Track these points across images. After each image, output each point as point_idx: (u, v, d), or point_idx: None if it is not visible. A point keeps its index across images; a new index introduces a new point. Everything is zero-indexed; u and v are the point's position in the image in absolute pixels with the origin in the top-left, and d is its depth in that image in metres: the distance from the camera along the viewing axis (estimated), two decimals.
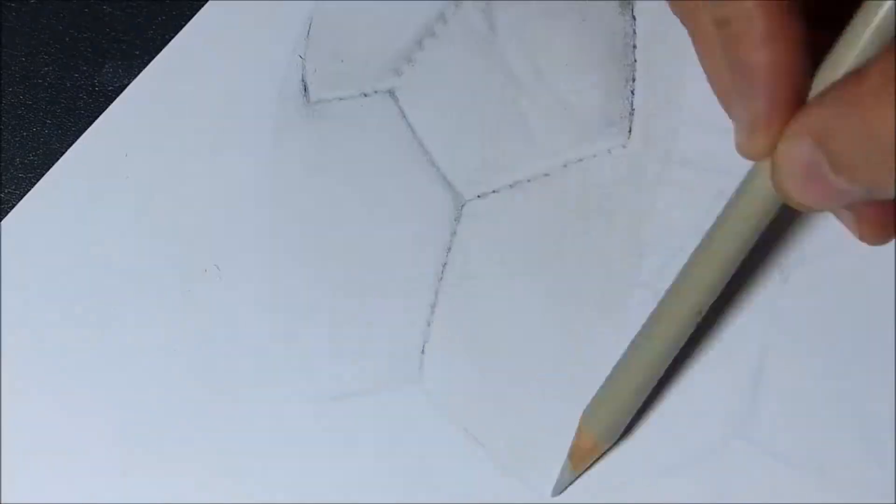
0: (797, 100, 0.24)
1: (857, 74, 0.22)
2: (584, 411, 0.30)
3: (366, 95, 0.33)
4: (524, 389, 0.31)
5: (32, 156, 0.33)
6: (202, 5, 0.34)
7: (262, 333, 0.32)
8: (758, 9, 0.24)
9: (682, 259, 0.29)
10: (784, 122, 0.24)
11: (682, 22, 0.28)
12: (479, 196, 0.32)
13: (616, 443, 0.30)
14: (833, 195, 0.24)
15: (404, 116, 0.33)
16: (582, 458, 0.30)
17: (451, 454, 0.31)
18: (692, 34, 0.28)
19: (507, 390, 0.31)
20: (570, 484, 0.30)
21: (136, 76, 0.33)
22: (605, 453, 0.30)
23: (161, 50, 0.34)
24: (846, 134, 0.22)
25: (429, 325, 0.31)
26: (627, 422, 0.30)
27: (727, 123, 0.28)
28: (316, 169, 0.33)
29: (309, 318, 0.32)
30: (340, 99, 0.33)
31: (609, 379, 0.29)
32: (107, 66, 0.34)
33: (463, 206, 0.32)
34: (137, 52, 0.34)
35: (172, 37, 0.34)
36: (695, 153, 0.32)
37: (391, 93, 0.33)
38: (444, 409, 0.31)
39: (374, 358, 0.32)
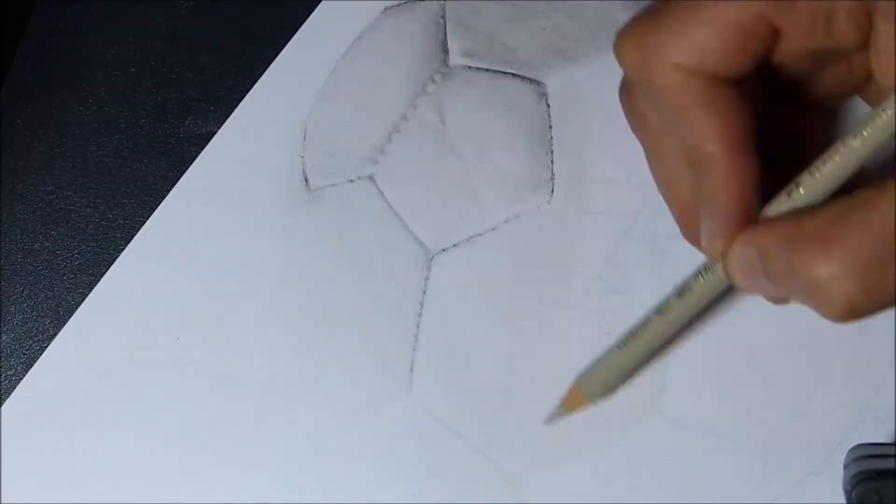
0: (748, 220, 0.26)
1: (798, 219, 0.24)
2: (580, 372, 0.30)
3: (352, 181, 0.35)
4: (501, 395, 0.33)
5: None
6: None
7: (274, 361, 0.34)
8: (724, 156, 0.25)
9: (601, 284, 0.32)
10: (735, 234, 0.26)
11: (640, 141, 0.29)
12: (444, 249, 0.34)
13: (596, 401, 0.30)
14: (763, 289, 0.27)
15: (382, 194, 0.35)
16: (569, 408, 0.30)
17: (451, 456, 0.32)
18: (650, 154, 0.29)
19: (489, 398, 0.33)
20: (557, 419, 0.30)
21: (218, 128, 0.36)
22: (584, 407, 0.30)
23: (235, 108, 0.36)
24: (778, 258, 0.25)
25: (414, 350, 0.33)
26: (614, 388, 0.30)
27: (626, 179, 0.32)
28: (317, 239, 0.35)
29: (313, 348, 0.34)
30: (333, 185, 0.35)
31: (605, 352, 0.30)
32: (188, 119, 0.37)
33: (432, 258, 0.34)
34: (212, 109, 0.37)
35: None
36: (603, 204, 0.34)
37: (371, 177, 0.35)
38: (435, 418, 0.33)
39: (368, 377, 0.33)
